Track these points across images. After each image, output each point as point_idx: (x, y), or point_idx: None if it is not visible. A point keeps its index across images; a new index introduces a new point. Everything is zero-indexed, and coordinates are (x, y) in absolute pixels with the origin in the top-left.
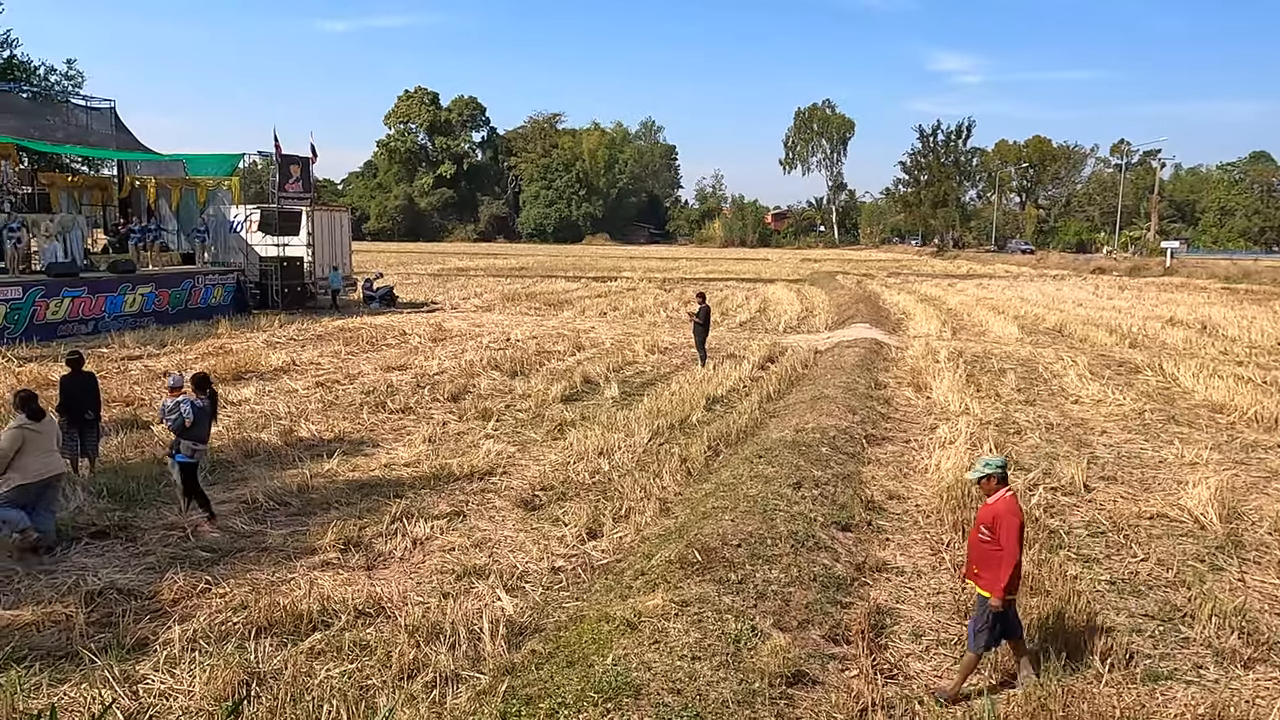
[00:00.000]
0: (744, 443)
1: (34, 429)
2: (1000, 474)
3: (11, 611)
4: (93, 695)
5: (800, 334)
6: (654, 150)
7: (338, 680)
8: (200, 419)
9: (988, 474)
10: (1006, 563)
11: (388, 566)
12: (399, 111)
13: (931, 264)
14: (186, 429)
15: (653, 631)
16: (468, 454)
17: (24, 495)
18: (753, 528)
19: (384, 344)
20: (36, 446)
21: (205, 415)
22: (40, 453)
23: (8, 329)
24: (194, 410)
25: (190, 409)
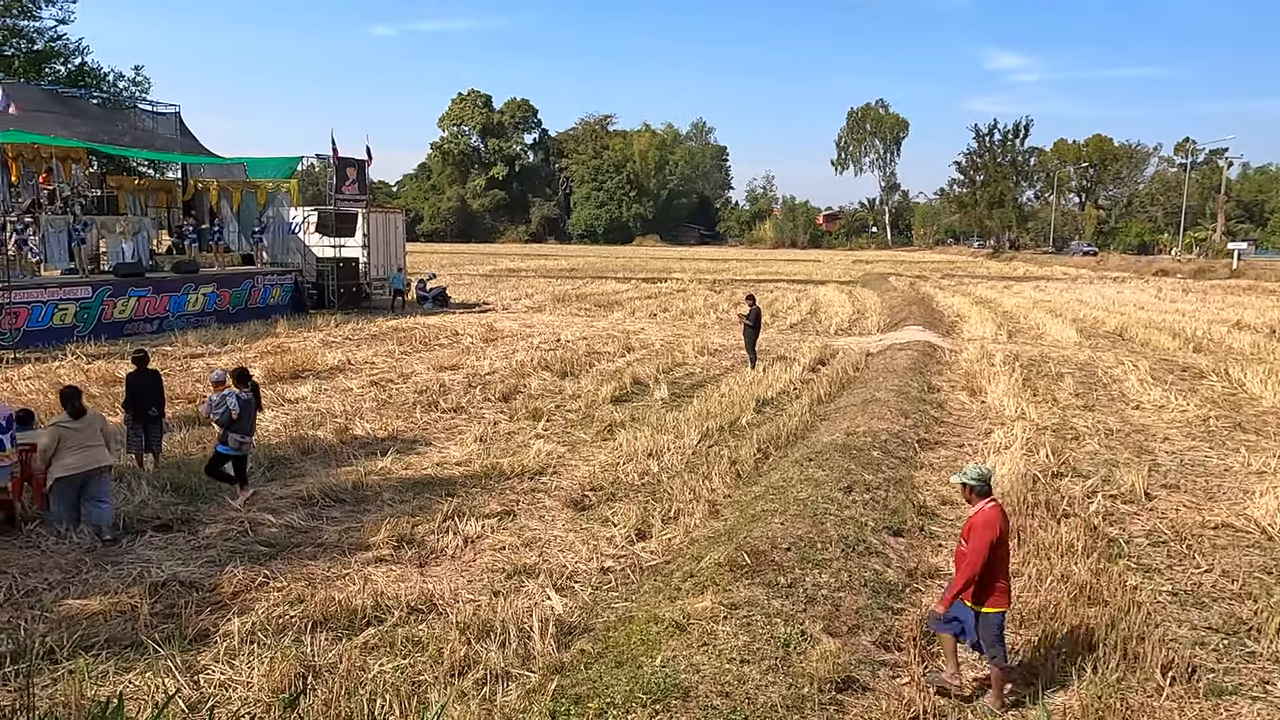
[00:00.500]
0: (794, 446)
1: (71, 426)
2: (979, 486)
3: (80, 601)
4: (157, 684)
5: (852, 336)
6: (705, 151)
7: (391, 675)
8: (245, 412)
9: (965, 483)
10: (964, 570)
11: (439, 564)
12: (452, 114)
13: (987, 265)
14: (234, 421)
15: (701, 634)
16: (518, 453)
17: (67, 489)
18: (803, 531)
19: (437, 344)
20: (74, 442)
21: (250, 408)
22: (77, 448)
23: (77, 327)
24: (240, 403)
25: (236, 402)
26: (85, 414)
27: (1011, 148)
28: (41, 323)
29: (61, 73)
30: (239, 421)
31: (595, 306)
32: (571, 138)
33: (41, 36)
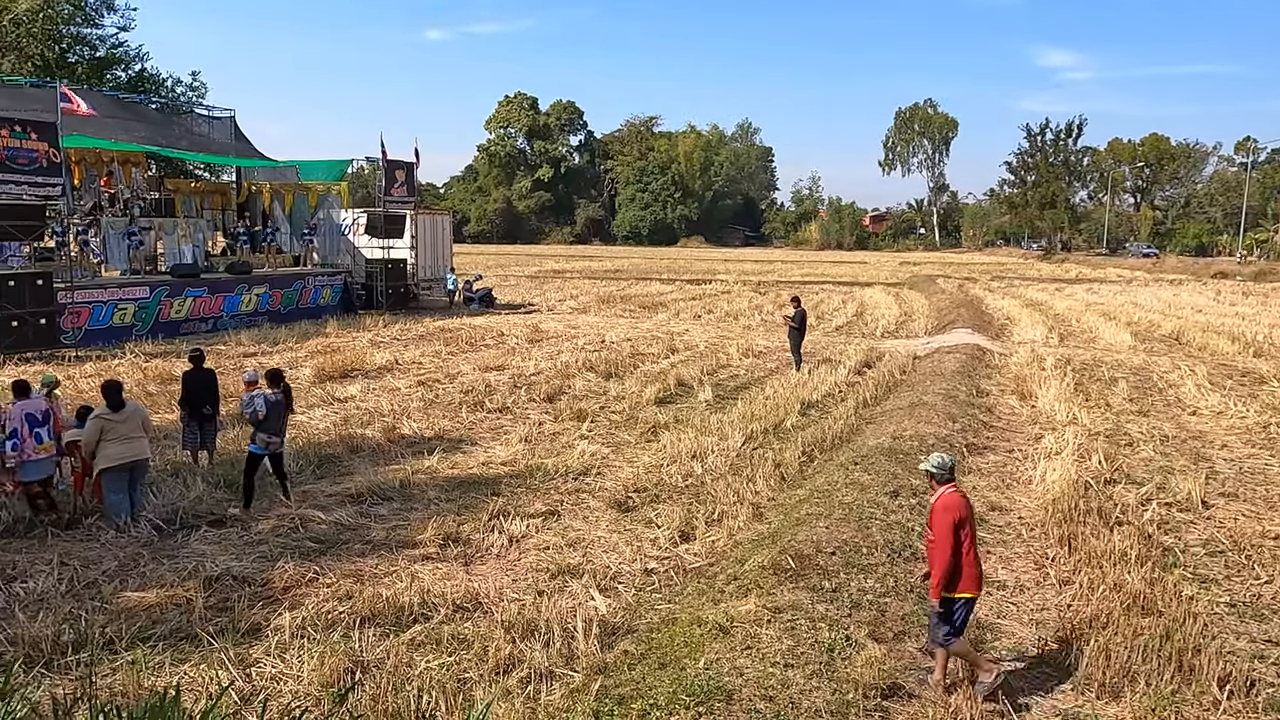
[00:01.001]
0: (839, 449)
1: (112, 419)
2: (940, 474)
3: (138, 593)
4: (211, 676)
5: (898, 339)
6: (750, 152)
7: (437, 672)
8: (273, 413)
9: (928, 471)
10: (938, 559)
11: (485, 563)
12: (499, 116)
13: (1038, 268)
14: (261, 421)
15: (745, 637)
16: (563, 454)
17: (114, 479)
18: (848, 535)
19: (483, 344)
20: (115, 435)
21: (278, 409)
22: (119, 440)
23: (136, 326)
24: (267, 404)
25: (264, 403)
26: (125, 406)
27: (1064, 147)
28: (102, 322)
29: (122, 78)
30: (266, 421)
31: (640, 308)
32: (617, 139)
33: (104, 43)
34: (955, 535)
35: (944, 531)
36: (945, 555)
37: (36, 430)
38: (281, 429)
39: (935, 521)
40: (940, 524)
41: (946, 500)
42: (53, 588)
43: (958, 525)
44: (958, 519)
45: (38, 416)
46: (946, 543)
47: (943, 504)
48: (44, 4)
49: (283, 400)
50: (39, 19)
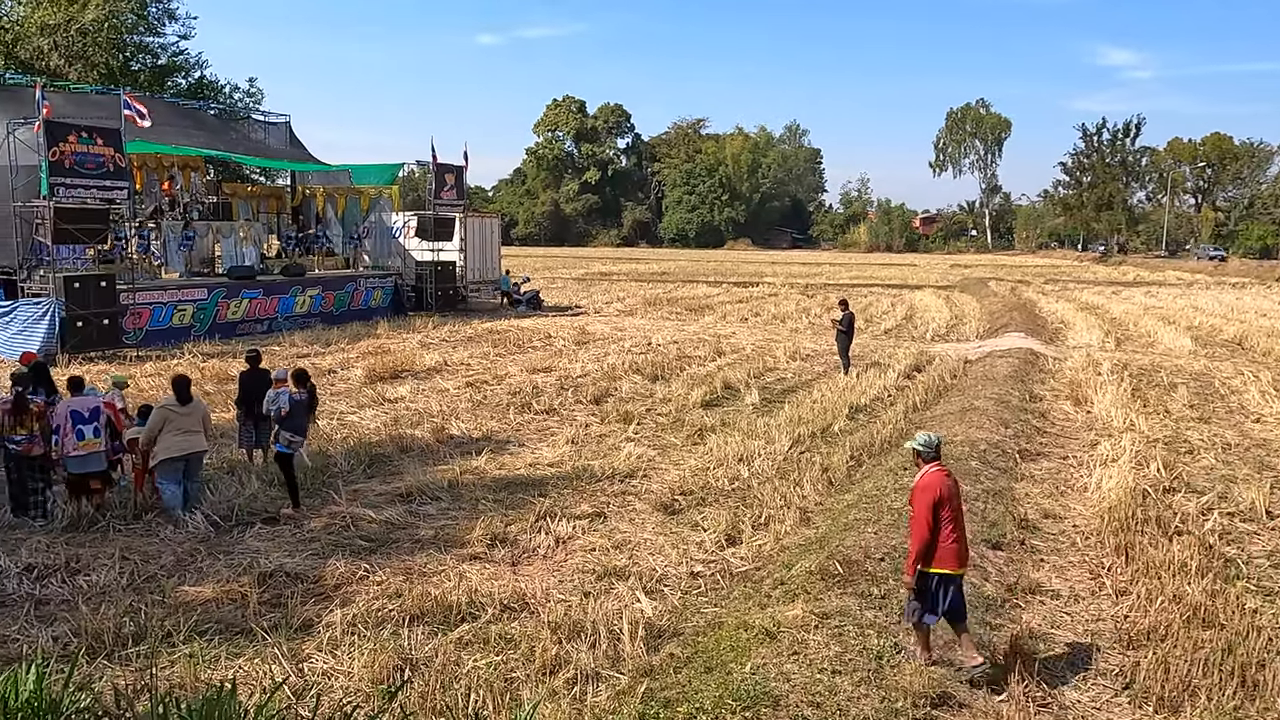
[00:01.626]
0: (888, 454)
1: (177, 411)
2: (926, 452)
3: (195, 587)
4: (264, 670)
5: (949, 342)
6: (798, 154)
7: (484, 671)
8: (296, 411)
9: (915, 449)
10: (915, 535)
11: (531, 563)
12: (547, 120)
13: (1094, 270)
14: (283, 419)
15: (792, 642)
16: (609, 456)
17: (168, 470)
18: (897, 541)
19: (530, 346)
20: (176, 426)
21: (302, 408)
22: (178, 432)
23: (194, 327)
24: (290, 402)
25: (287, 401)
26: (191, 401)
27: (1122, 147)
28: (162, 323)
29: (182, 85)
30: (289, 419)
31: (686, 310)
32: (664, 142)
33: (165, 51)
34: (934, 514)
35: (922, 510)
36: (922, 533)
37: (79, 427)
38: (304, 428)
39: (915, 499)
40: (920, 502)
41: (928, 479)
42: (114, 581)
43: (937, 504)
44: (936, 498)
45: (83, 414)
46: (924, 521)
47: (924, 483)
48: (109, 14)
49: (306, 400)
50: (104, 29)
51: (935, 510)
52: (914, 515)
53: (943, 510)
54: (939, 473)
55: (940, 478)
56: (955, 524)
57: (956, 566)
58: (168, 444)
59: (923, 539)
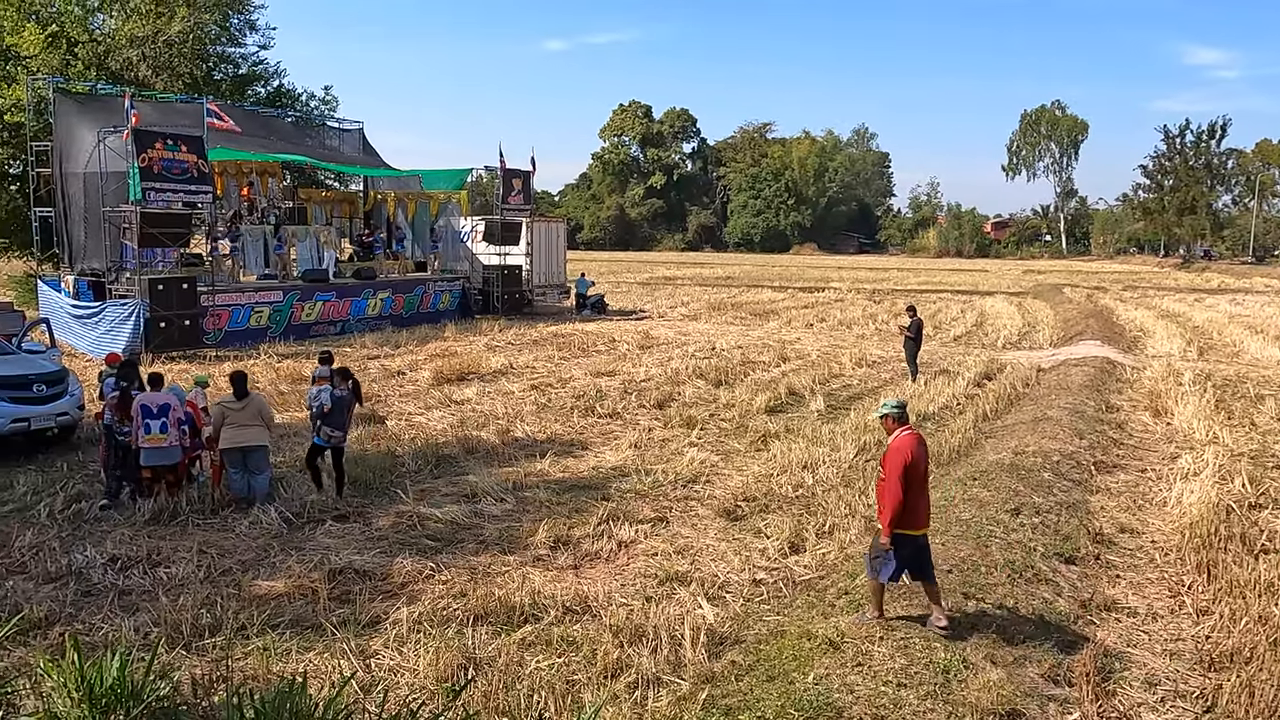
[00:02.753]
0: (957, 463)
1: (233, 405)
2: (896, 414)
3: (268, 582)
4: (333, 665)
5: (1021, 350)
6: (866, 158)
7: (546, 672)
8: (337, 407)
9: (884, 414)
10: (887, 497)
11: (594, 566)
12: (613, 125)
13: (1175, 277)
14: (325, 415)
15: (856, 653)
16: (672, 460)
17: (231, 460)
18: (965, 554)
19: (594, 350)
20: (234, 420)
21: (342, 405)
22: (235, 426)
23: (270, 329)
24: (332, 399)
25: (328, 397)
26: (247, 396)
27: (1206, 149)
28: (240, 324)
29: (261, 94)
30: (330, 415)
31: (750, 315)
32: (730, 146)
33: (245, 61)
34: (905, 476)
35: (894, 471)
36: (895, 494)
37: (147, 421)
38: (344, 424)
39: (887, 461)
40: (892, 464)
41: (900, 442)
42: (192, 573)
43: (909, 467)
44: (909, 460)
45: (152, 409)
46: (896, 483)
47: (896, 446)
48: (194, 26)
49: (347, 397)
50: (189, 40)
51: (906, 473)
52: (885, 478)
53: (913, 473)
54: (910, 436)
55: (911, 441)
56: (922, 487)
57: (920, 527)
58: (227, 436)
59: (896, 499)
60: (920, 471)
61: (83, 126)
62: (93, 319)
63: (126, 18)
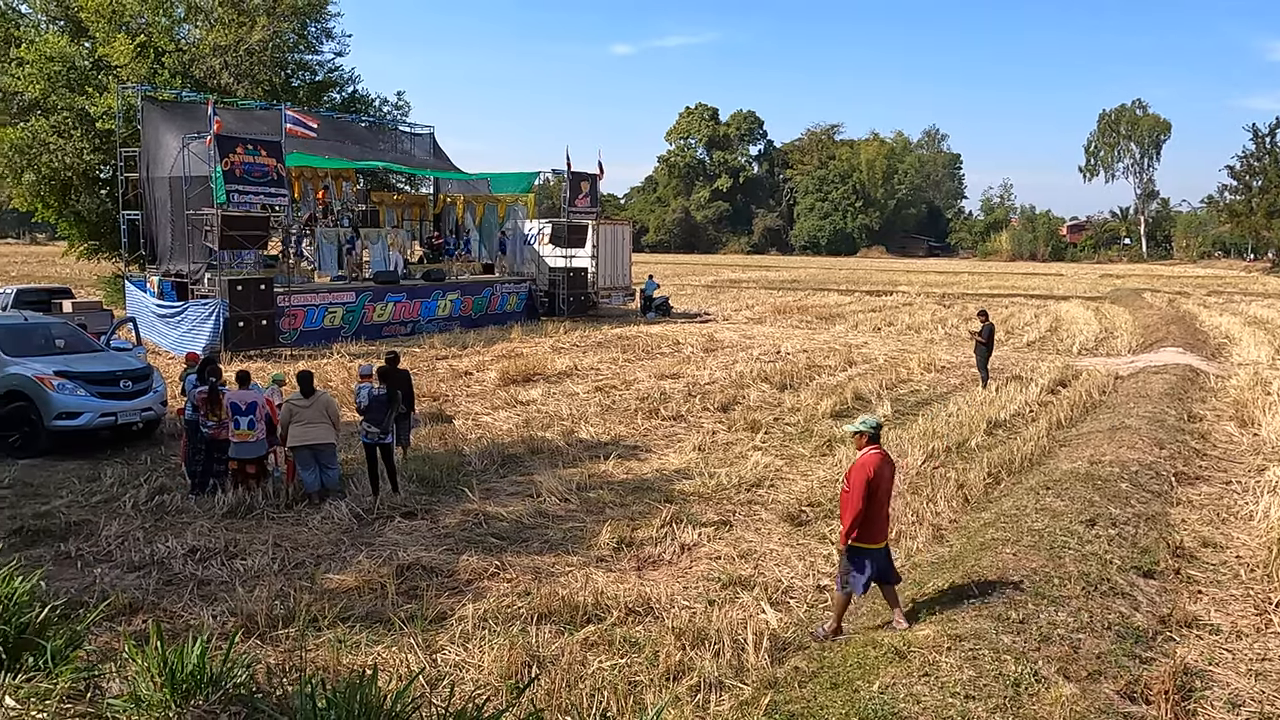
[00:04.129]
0: (1029, 472)
1: (300, 404)
2: (871, 432)
3: (339, 576)
4: (401, 659)
5: (1097, 357)
6: (936, 160)
7: (609, 673)
8: (374, 406)
9: (859, 430)
10: (848, 509)
11: (657, 568)
12: (679, 128)
13: (1263, 281)
14: (363, 412)
15: (923, 663)
16: (736, 464)
17: (301, 458)
18: (1037, 564)
19: (658, 352)
20: (301, 418)
21: (380, 404)
22: (302, 424)
23: (343, 329)
24: (370, 397)
25: (366, 396)
26: (313, 394)
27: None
28: (315, 324)
29: (337, 100)
30: (369, 412)
31: (816, 319)
32: (797, 148)
33: (322, 68)
34: (866, 490)
35: (858, 486)
36: (855, 507)
37: (236, 418)
38: (383, 422)
39: (852, 475)
40: (856, 479)
41: (866, 459)
42: (267, 566)
43: (871, 483)
44: (871, 477)
45: (240, 406)
46: (858, 496)
47: (862, 461)
48: (274, 35)
49: (386, 397)
50: (269, 48)
51: (868, 488)
52: (848, 490)
53: (877, 489)
54: (877, 454)
55: (877, 460)
56: (883, 503)
57: (879, 540)
58: (294, 434)
59: (855, 513)
60: (883, 488)
61: (168, 133)
62: (175, 318)
63: (210, 28)
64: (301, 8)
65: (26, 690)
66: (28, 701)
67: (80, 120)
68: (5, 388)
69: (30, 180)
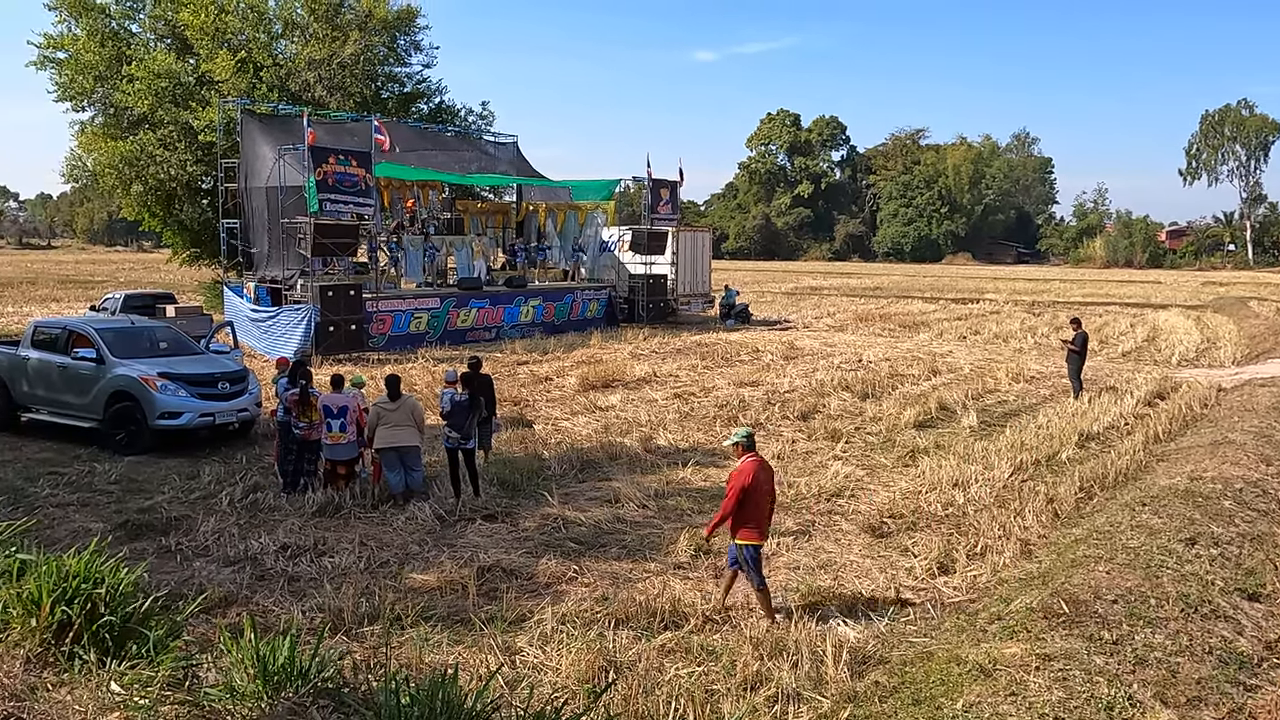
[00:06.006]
0: (1123, 487)
1: (387, 407)
2: (746, 442)
3: (422, 576)
4: (480, 659)
5: (1198, 368)
6: (1026, 164)
7: (686, 681)
8: (457, 411)
9: (735, 442)
10: (723, 509)
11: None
12: (760, 134)
13: None
14: (446, 417)
15: (1009, 682)
16: (815, 474)
17: (387, 460)
18: (1132, 583)
19: (737, 360)
20: (387, 421)
21: (463, 409)
22: (388, 426)
23: (429, 334)
24: (451, 403)
25: (450, 401)
26: (400, 398)
27: None
28: (401, 329)
29: (424, 110)
30: (451, 417)
31: (900, 327)
32: (880, 154)
33: (410, 80)
34: (740, 494)
35: (734, 490)
36: (726, 509)
37: (329, 420)
38: (465, 427)
39: (731, 481)
40: (733, 485)
41: (744, 467)
42: (353, 564)
43: (745, 488)
44: (748, 483)
45: (333, 409)
46: (732, 499)
47: (741, 468)
48: (365, 48)
49: (469, 402)
50: (360, 62)
51: (743, 492)
52: (728, 492)
53: (754, 494)
54: (754, 462)
55: (754, 467)
56: (762, 505)
57: (760, 539)
58: (381, 436)
59: (726, 512)
60: (760, 491)
61: (264, 144)
62: (268, 322)
63: (305, 43)
64: (392, 22)
65: (131, 677)
66: (131, 688)
67: (184, 133)
68: (113, 388)
69: (138, 191)
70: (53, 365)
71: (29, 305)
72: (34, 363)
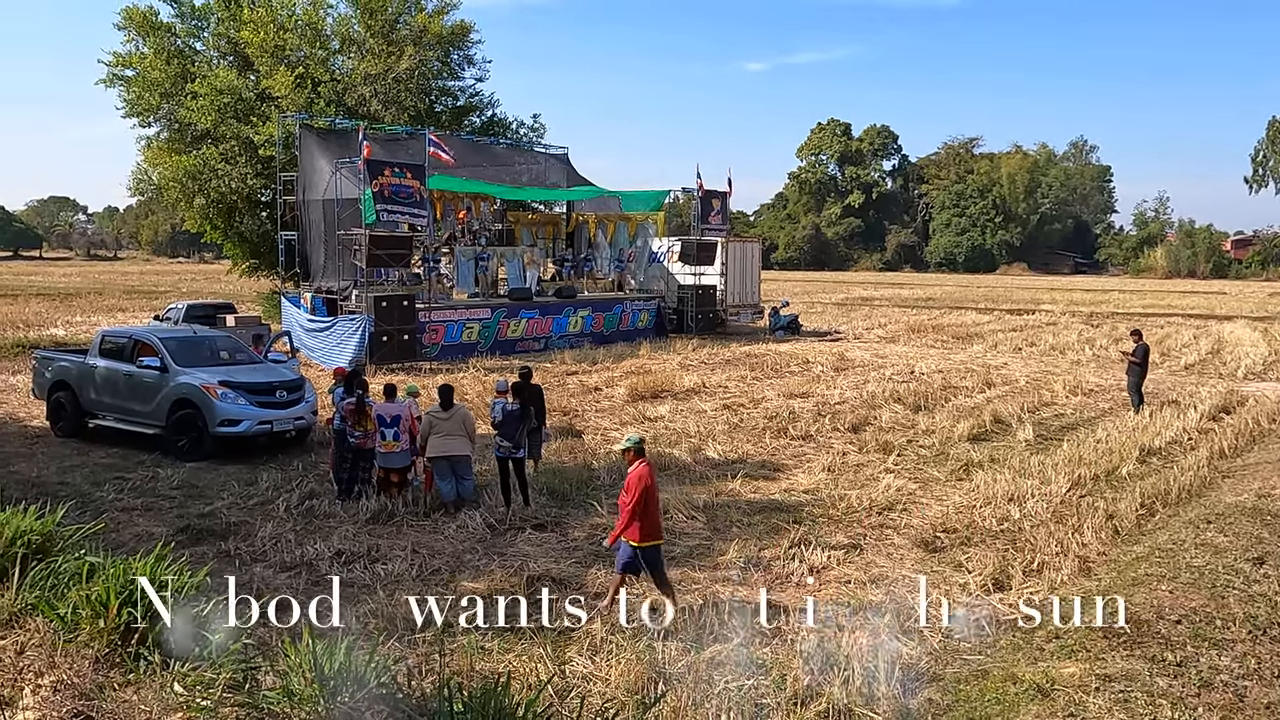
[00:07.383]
0: (1187, 504)
1: (440, 416)
2: (636, 448)
3: (472, 583)
4: (530, 667)
5: (1267, 381)
6: (1084, 172)
7: (734, 694)
8: (507, 421)
9: (627, 447)
10: (625, 514)
11: (785, 590)
12: (811, 144)
13: None
14: (497, 426)
15: (1068, 703)
16: (866, 486)
17: (439, 469)
18: (1197, 603)
19: (787, 371)
20: (440, 430)
21: (513, 419)
22: (440, 435)
23: (480, 344)
24: (502, 413)
25: (500, 411)
26: (452, 407)
27: None
28: (453, 339)
29: (476, 123)
30: (501, 427)
31: (953, 338)
32: (933, 163)
33: (463, 94)
34: (643, 498)
35: (636, 495)
36: (632, 514)
37: (383, 429)
38: (516, 437)
39: (630, 487)
40: (635, 490)
41: (640, 471)
42: (405, 571)
43: (647, 490)
44: (649, 485)
45: (386, 418)
46: (637, 504)
47: (637, 474)
48: (420, 63)
49: (519, 412)
50: (415, 76)
51: (644, 494)
52: (629, 499)
53: (649, 495)
54: (647, 466)
55: (649, 471)
56: (656, 507)
57: (659, 539)
58: (433, 445)
59: (632, 517)
60: (654, 495)
61: (322, 158)
62: (324, 332)
63: (362, 58)
64: (446, 37)
65: (194, 679)
66: (194, 689)
67: (245, 148)
68: (176, 396)
69: (200, 204)
70: (119, 373)
71: (96, 315)
72: (101, 371)
